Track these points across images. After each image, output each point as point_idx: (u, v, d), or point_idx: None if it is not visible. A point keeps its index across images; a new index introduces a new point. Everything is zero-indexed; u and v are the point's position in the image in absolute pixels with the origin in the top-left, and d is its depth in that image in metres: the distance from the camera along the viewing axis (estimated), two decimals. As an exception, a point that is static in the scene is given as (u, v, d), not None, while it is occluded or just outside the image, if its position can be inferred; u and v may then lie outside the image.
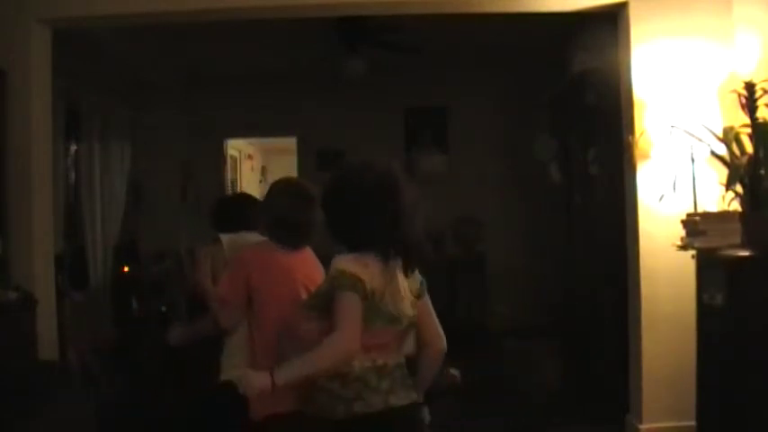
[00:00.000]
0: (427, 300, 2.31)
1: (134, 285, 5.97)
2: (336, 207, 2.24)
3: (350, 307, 2.05)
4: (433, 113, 7.63)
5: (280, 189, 2.82)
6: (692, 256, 3.25)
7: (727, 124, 3.13)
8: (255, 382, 2.01)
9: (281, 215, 2.69)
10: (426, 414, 2.47)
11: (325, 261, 2.37)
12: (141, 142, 6.68)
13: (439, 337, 2.32)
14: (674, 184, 3.39)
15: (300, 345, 2.11)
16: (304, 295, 2.50)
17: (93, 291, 5.59)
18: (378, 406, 2.12)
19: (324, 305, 2.12)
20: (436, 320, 2.33)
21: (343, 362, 2.06)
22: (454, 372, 2.79)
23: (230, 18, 4.17)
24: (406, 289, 2.22)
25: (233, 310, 2.70)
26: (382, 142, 7.54)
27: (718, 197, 3.20)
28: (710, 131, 3.19)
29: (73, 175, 5.71)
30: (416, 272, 2.28)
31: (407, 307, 2.21)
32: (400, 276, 2.20)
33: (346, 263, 2.11)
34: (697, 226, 3.24)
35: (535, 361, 5.02)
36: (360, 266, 2.11)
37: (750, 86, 2.96)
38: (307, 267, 2.70)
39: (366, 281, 2.09)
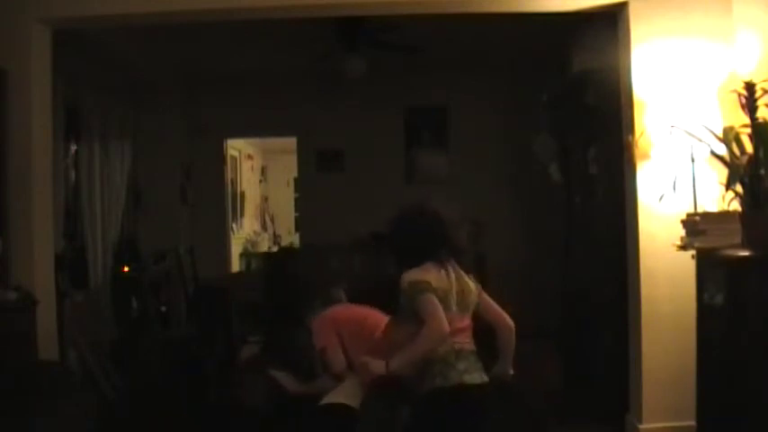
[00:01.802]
0: (486, 297, 2.87)
1: (134, 285, 5.97)
2: (401, 243, 2.91)
3: (429, 302, 2.60)
4: (433, 113, 7.63)
5: None
6: (692, 256, 3.25)
7: (727, 124, 3.13)
8: (374, 367, 2.57)
9: None
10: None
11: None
12: (141, 142, 6.68)
13: (503, 316, 2.87)
14: (674, 184, 3.39)
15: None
16: None
17: (93, 291, 5.59)
18: (454, 381, 2.62)
19: (409, 315, 2.66)
20: (496, 306, 2.88)
21: (439, 344, 2.59)
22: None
23: (230, 18, 4.17)
24: (469, 283, 2.78)
25: None
26: (382, 142, 7.56)
27: (718, 197, 3.20)
28: (710, 131, 3.19)
29: (73, 175, 5.71)
30: (471, 278, 2.82)
31: (473, 297, 2.78)
32: (463, 275, 2.78)
33: (412, 275, 2.68)
34: (697, 226, 3.24)
35: (535, 361, 5.02)
36: (423, 274, 2.68)
37: (750, 86, 2.96)
38: None
39: (432, 282, 2.65)
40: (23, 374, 3.28)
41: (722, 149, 3.08)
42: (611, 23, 3.99)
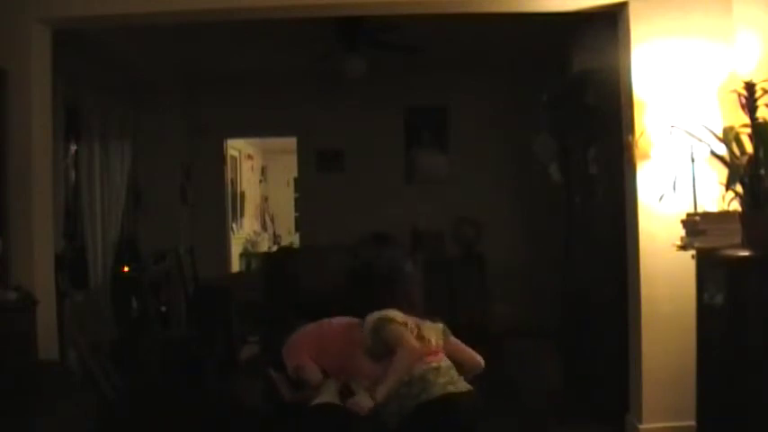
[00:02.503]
0: (453, 338, 3.12)
1: (134, 285, 5.97)
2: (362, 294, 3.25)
3: (396, 329, 2.90)
4: (433, 113, 7.63)
5: None
6: (692, 256, 3.25)
7: (727, 124, 3.13)
8: (365, 403, 2.73)
9: None
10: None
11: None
12: (141, 142, 6.68)
13: (473, 356, 3.10)
14: (674, 184, 3.39)
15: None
16: None
17: (93, 291, 5.59)
18: (438, 393, 2.75)
19: (380, 350, 2.91)
20: (467, 349, 3.12)
21: (415, 360, 2.81)
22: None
23: (230, 18, 4.17)
24: (426, 329, 3.03)
25: None
26: (382, 142, 7.56)
27: (718, 197, 3.20)
28: (710, 131, 3.19)
29: (73, 175, 5.71)
30: (436, 323, 3.10)
31: (430, 340, 2.98)
32: (423, 323, 3.06)
33: (375, 314, 3.00)
34: (697, 226, 3.24)
35: (535, 361, 5.03)
36: (386, 312, 3.00)
37: (750, 86, 2.96)
38: None
39: (396, 317, 2.97)
40: (23, 374, 3.28)
41: (722, 149, 3.07)
42: (611, 23, 3.99)
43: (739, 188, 2.95)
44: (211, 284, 6.31)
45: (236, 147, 9.76)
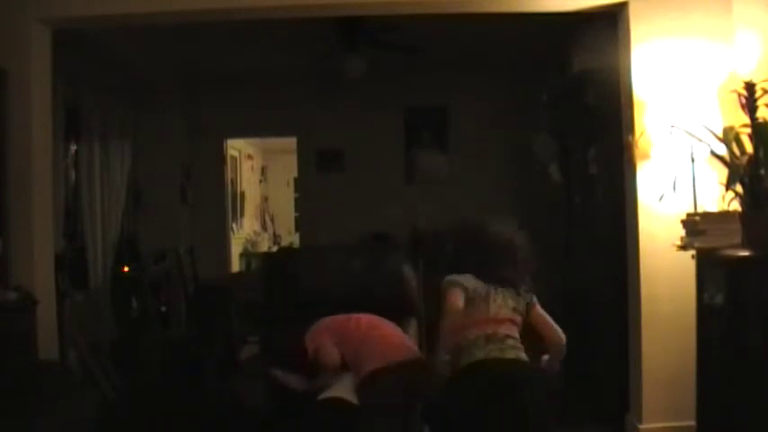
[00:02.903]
0: (540, 311, 3.16)
1: (134, 285, 5.97)
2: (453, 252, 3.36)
3: (452, 291, 3.01)
4: (433, 113, 7.63)
5: None
6: (692, 256, 3.25)
7: (727, 124, 3.13)
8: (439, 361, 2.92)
9: None
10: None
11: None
12: (141, 142, 6.68)
13: (553, 330, 3.14)
14: (674, 184, 3.39)
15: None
16: None
17: (93, 291, 5.59)
18: (480, 357, 2.85)
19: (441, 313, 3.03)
20: (551, 323, 3.16)
21: (455, 319, 2.94)
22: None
23: (230, 18, 4.17)
24: (502, 297, 3.07)
25: None
26: (382, 142, 7.56)
27: (718, 197, 3.20)
28: (710, 131, 3.19)
29: (73, 175, 5.71)
30: (522, 294, 3.14)
31: (499, 307, 3.03)
32: (499, 290, 3.09)
33: (450, 277, 3.10)
34: (697, 226, 3.24)
35: (535, 361, 5.01)
36: (458, 277, 3.10)
37: (750, 86, 2.96)
38: None
39: (463, 282, 3.06)
40: (23, 374, 3.28)
41: (722, 149, 3.07)
42: (611, 23, 3.99)
43: (739, 188, 2.95)
44: (211, 284, 6.30)
45: (236, 147, 9.75)
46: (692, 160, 3.46)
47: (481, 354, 2.86)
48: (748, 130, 2.96)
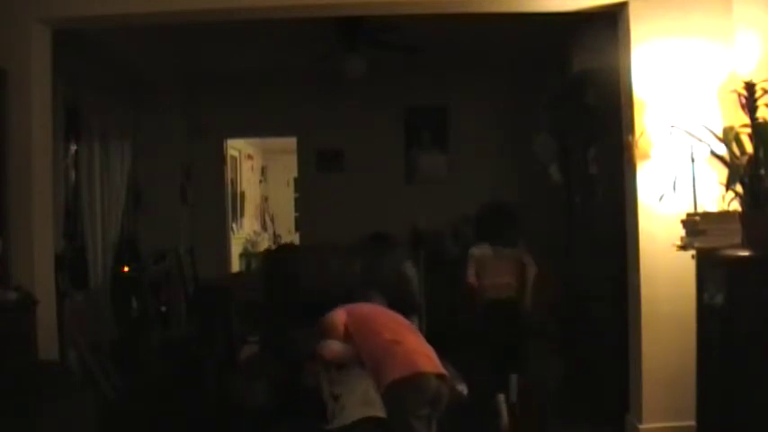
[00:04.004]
0: (527, 261, 4.68)
1: (134, 285, 5.97)
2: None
3: (470, 265, 4.66)
4: (433, 113, 7.63)
5: None
6: (692, 256, 3.25)
7: (727, 124, 3.13)
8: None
9: None
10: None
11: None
12: (141, 142, 6.68)
13: (531, 269, 4.66)
14: (674, 184, 3.39)
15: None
16: None
17: (93, 291, 5.59)
18: (492, 297, 4.59)
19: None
20: (531, 267, 4.65)
21: (467, 289, 4.67)
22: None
23: (230, 18, 4.17)
24: (506, 257, 4.66)
25: None
26: (382, 142, 7.56)
27: (718, 197, 3.20)
28: (710, 131, 3.19)
29: (73, 175, 5.71)
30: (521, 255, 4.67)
31: (508, 266, 4.66)
32: (506, 252, 4.67)
33: (471, 250, 4.74)
34: (697, 226, 3.24)
35: (535, 361, 5.02)
36: (474, 249, 4.72)
37: (750, 86, 2.96)
38: None
39: (475, 253, 4.68)
40: (23, 374, 3.28)
41: (722, 149, 3.08)
42: (611, 23, 3.99)
43: (739, 188, 2.95)
44: (211, 284, 6.31)
45: (236, 147, 9.75)
46: (692, 160, 3.47)
47: (493, 295, 4.56)
48: (748, 130, 2.96)
